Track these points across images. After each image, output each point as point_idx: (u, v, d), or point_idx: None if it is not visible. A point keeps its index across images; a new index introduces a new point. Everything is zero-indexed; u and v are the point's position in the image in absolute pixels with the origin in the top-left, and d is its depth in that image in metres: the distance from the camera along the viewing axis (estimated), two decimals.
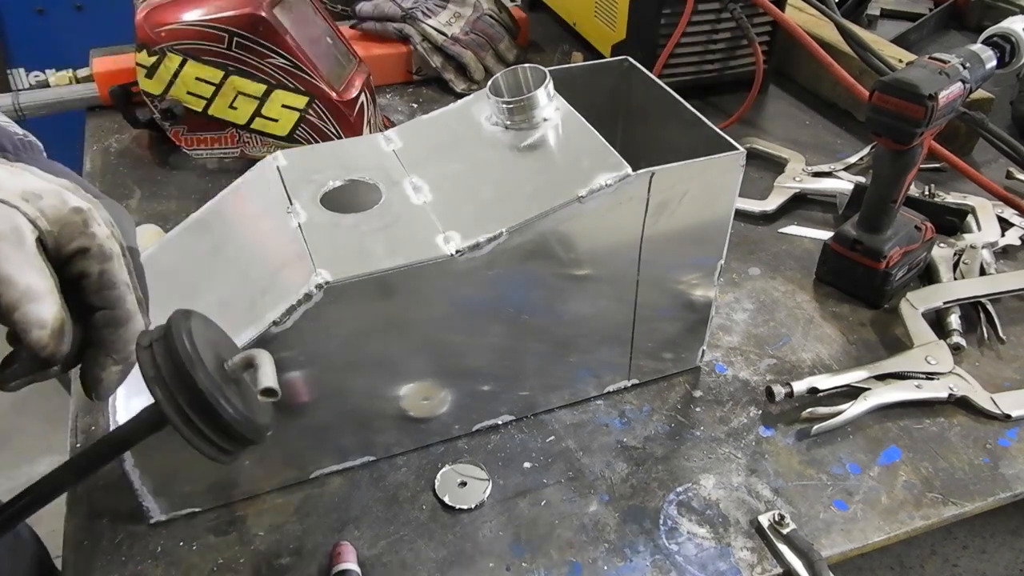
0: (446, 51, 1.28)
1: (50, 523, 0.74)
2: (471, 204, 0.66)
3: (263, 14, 0.97)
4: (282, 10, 1.00)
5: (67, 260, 0.42)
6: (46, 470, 0.45)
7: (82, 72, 1.18)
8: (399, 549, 0.64)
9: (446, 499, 0.68)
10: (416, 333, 0.65)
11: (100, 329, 0.43)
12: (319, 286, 0.58)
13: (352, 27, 1.32)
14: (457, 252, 0.62)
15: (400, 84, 1.33)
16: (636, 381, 0.79)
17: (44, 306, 0.39)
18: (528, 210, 0.63)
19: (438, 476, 0.69)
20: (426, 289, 0.62)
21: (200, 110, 1.03)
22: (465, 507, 0.67)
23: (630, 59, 0.80)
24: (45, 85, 1.17)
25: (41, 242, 0.40)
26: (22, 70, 1.97)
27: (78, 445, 0.71)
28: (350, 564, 0.61)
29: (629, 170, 0.64)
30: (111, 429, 0.57)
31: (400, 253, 0.61)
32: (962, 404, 0.78)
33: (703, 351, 0.80)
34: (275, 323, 0.58)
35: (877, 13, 1.57)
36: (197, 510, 0.66)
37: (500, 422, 0.74)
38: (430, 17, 1.30)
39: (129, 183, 1.07)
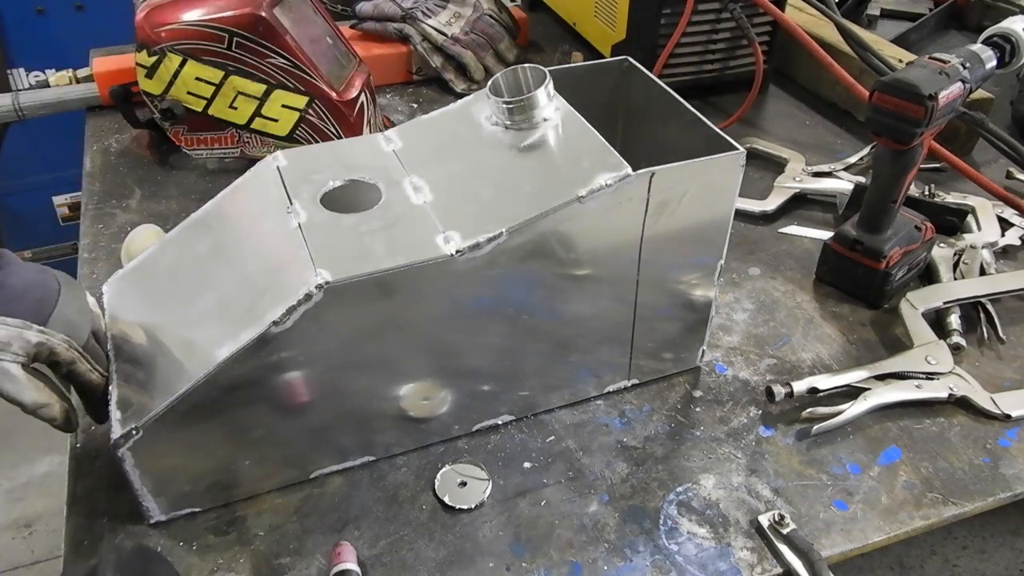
0: (446, 51, 1.28)
1: (50, 523, 0.74)
2: (471, 204, 0.66)
3: (263, 14, 0.97)
4: (282, 10, 1.00)
5: (47, 364, 0.58)
6: (46, 470, 0.46)
7: (82, 72, 1.18)
8: (399, 549, 0.64)
9: (446, 499, 0.68)
10: (416, 333, 0.65)
11: (77, 393, 0.62)
12: (319, 286, 0.58)
13: (352, 27, 1.32)
14: (457, 252, 0.62)
15: (400, 84, 1.33)
16: (636, 381, 0.79)
17: (50, 409, 0.58)
18: (528, 210, 0.63)
19: (438, 476, 0.69)
20: (426, 289, 0.62)
21: (200, 110, 1.03)
22: (465, 507, 0.67)
23: (630, 59, 0.80)
24: (45, 85, 1.17)
25: (25, 366, 0.56)
26: (22, 70, 1.97)
27: (78, 445, 0.71)
28: (350, 564, 0.61)
29: (629, 170, 0.64)
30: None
31: (400, 253, 0.61)
32: (962, 404, 0.78)
33: (703, 351, 0.80)
34: (275, 323, 0.58)
35: (877, 13, 1.57)
36: (197, 510, 0.66)
37: (500, 422, 0.74)
38: (430, 17, 1.30)
39: (129, 183, 1.07)
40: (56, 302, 0.60)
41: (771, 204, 1.04)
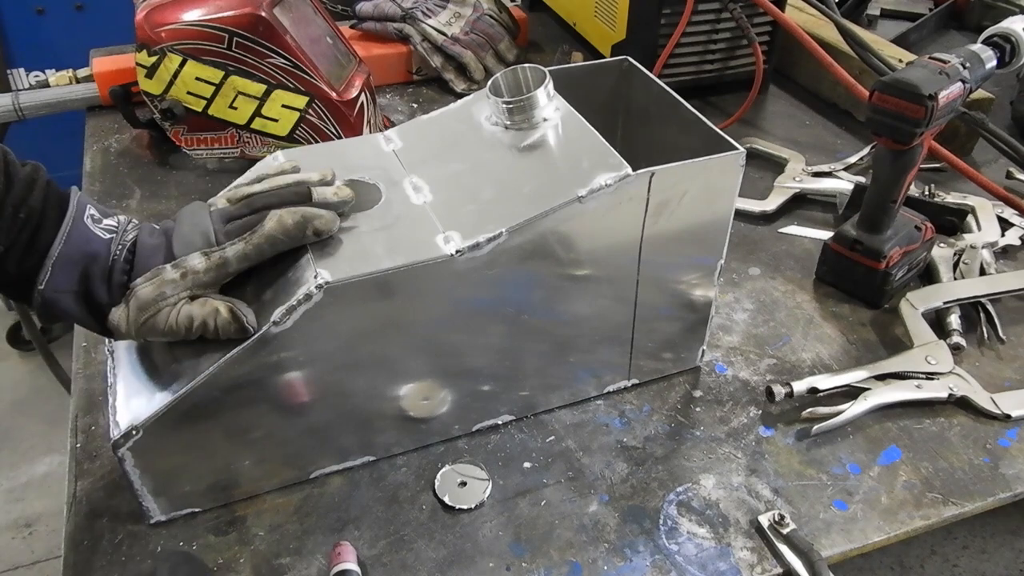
0: (446, 51, 1.28)
1: (50, 523, 0.74)
2: (471, 204, 0.66)
3: (263, 14, 0.97)
4: (282, 10, 1.00)
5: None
6: (46, 470, 0.46)
7: (82, 72, 1.18)
8: (399, 549, 0.64)
9: (446, 499, 0.68)
10: (416, 333, 0.65)
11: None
12: (319, 286, 0.58)
13: (352, 27, 1.33)
14: (457, 252, 0.62)
15: (400, 84, 1.33)
16: (636, 381, 0.79)
17: (220, 315, 0.59)
18: (528, 210, 0.63)
19: (438, 476, 0.69)
20: (426, 289, 0.62)
21: (200, 110, 1.03)
22: (465, 507, 0.67)
23: (630, 59, 0.80)
24: (45, 85, 1.17)
25: (192, 298, 0.60)
26: (22, 70, 1.97)
27: (78, 445, 0.71)
28: (350, 564, 0.61)
29: (629, 170, 0.64)
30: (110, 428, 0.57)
31: (400, 253, 0.61)
32: (962, 404, 0.78)
33: (703, 351, 0.80)
34: (275, 323, 0.58)
35: (877, 13, 1.57)
36: (197, 510, 0.66)
37: (500, 422, 0.74)
38: (430, 17, 1.30)
39: (129, 183, 1.07)
40: (172, 233, 0.62)
41: (771, 204, 1.04)
